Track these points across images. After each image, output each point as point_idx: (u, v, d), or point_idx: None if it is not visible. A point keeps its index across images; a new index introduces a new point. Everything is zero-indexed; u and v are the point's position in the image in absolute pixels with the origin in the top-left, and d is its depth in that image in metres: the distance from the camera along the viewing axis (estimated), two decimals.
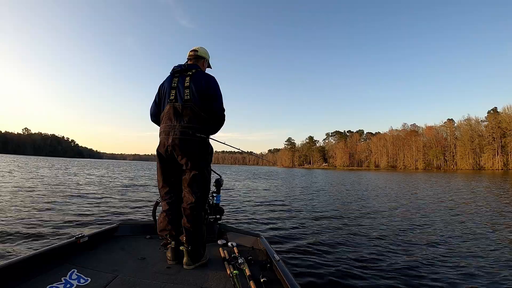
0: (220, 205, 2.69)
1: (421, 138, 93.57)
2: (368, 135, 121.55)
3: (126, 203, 7.39)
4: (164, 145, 1.96)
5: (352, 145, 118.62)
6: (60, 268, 1.72)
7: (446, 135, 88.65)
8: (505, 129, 71.02)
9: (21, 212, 5.46)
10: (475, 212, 7.18)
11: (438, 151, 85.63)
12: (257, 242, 2.36)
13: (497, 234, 4.89)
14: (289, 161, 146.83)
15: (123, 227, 2.55)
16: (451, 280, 2.92)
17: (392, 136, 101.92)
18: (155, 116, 2.19)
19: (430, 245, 4.18)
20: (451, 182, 20.84)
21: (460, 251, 3.88)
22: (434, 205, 8.48)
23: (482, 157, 76.21)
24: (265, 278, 1.65)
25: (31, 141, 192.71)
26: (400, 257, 3.60)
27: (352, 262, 3.37)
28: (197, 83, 2.00)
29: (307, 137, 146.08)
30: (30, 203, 6.63)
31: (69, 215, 5.45)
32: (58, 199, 7.54)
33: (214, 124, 2.10)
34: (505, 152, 71.77)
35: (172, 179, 2.07)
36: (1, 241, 3.65)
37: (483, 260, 3.53)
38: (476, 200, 9.86)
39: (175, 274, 1.78)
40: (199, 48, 2.26)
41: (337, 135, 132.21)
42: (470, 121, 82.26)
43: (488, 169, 69.63)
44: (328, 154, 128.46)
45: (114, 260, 1.92)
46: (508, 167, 68.60)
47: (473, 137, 78.28)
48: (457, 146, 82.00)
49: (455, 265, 3.34)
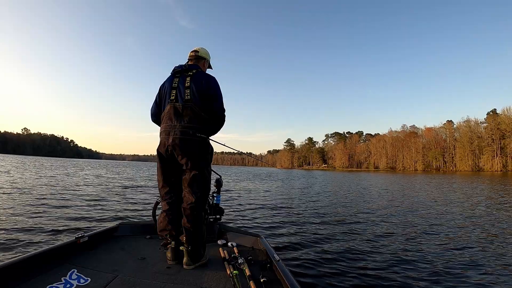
0: (220, 205, 2.68)
1: (421, 140, 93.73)
2: (367, 136, 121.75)
3: (126, 203, 7.37)
4: (165, 145, 1.97)
5: (352, 146, 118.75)
6: (60, 268, 1.72)
7: (446, 136, 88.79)
8: (504, 131, 71.13)
9: (21, 212, 5.45)
10: (480, 215, 7.05)
11: (437, 153, 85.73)
12: (257, 242, 2.36)
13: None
14: (289, 162, 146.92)
15: (123, 227, 2.55)
16: (451, 280, 2.91)
17: (391, 138, 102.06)
18: (155, 116, 2.20)
19: (430, 245, 4.16)
20: (452, 183, 20.71)
21: (461, 254, 3.80)
22: (433, 206, 8.44)
23: (481, 158, 76.20)
24: (265, 278, 1.65)
25: (30, 141, 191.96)
26: (400, 257, 3.59)
27: (352, 262, 3.37)
28: (198, 83, 2.00)
29: (307, 138, 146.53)
30: (30, 203, 6.60)
31: (69, 215, 5.43)
32: (58, 199, 7.50)
33: (215, 124, 2.11)
34: (504, 153, 71.84)
35: (172, 179, 2.07)
36: (1, 241, 3.65)
37: (485, 265, 3.46)
38: (481, 201, 9.78)
39: (175, 274, 1.78)
40: (200, 48, 2.26)
41: (337, 136, 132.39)
42: (470, 122, 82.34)
43: (487, 171, 69.68)
44: (328, 155, 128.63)
45: (114, 260, 1.93)
46: (507, 169, 68.67)
47: (473, 138, 78.33)
48: (457, 148, 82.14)
49: (456, 267, 3.31)
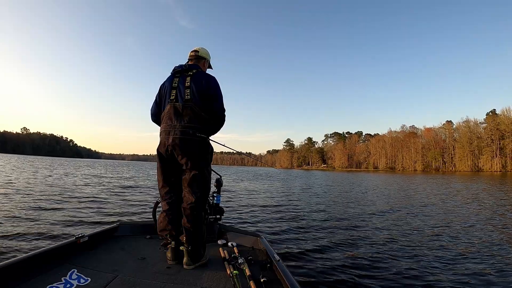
0: (220, 205, 2.69)
1: (420, 140, 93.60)
2: (367, 137, 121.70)
3: (126, 203, 7.38)
4: (165, 144, 1.97)
5: (351, 146, 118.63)
6: (60, 268, 1.72)
7: (445, 136, 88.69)
8: (504, 131, 71.13)
9: (20, 212, 5.45)
10: (478, 215, 7.14)
11: (436, 153, 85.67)
12: (257, 242, 2.36)
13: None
14: (288, 162, 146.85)
15: (123, 227, 2.56)
16: (450, 281, 2.92)
17: (390, 138, 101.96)
18: (155, 116, 2.20)
19: (430, 246, 4.17)
20: (451, 183, 20.77)
21: (460, 254, 3.82)
22: (431, 206, 8.54)
23: (480, 159, 76.21)
24: (265, 278, 1.65)
25: (29, 141, 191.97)
26: (400, 257, 3.61)
27: (352, 263, 3.38)
28: (198, 83, 2.01)
29: (306, 138, 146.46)
30: (30, 203, 6.59)
31: (69, 215, 5.42)
32: (57, 199, 7.50)
33: (215, 124, 2.12)
34: (504, 154, 71.84)
35: (172, 179, 2.08)
36: (1, 241, 3.65)
37: (486, 263, 3.50)
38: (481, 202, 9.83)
39: (175, 274, 1.78)
40: (200, 48, 2.27)
41: (336, 136, 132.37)
42: (469, 123, 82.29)
43: (487, 171, 69.68)
44: (327, 155, 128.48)
45: (114, 260, 1.93)
46: (507, 169, 68.68)
47: (472, 139, 78.26)
48: (456, 148, 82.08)
49: (455, 267, 3.33)
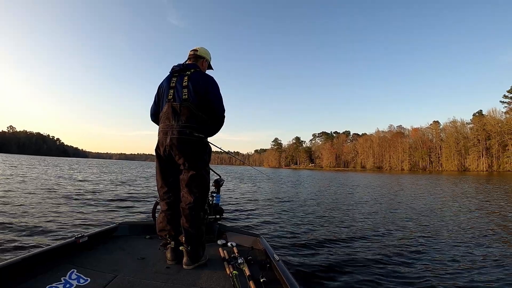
0: (219, 205, 2.71)
1: (407, 140, 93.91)
2: (354, 136, 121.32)
3: (125, 203, 7.29)
4: (162, 144, 1.97)
5: (339, 146, 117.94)
6: (60, 268, 1.71)
7: (432, 136, 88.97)
8: (490, 132, 71.35)
9: (19, 212, 5.29)
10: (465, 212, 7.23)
11: (423, 153, 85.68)
12: (256, 242, 2.36)
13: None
14: (276, 161, 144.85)
15: (123, 227, 2.56)
16: (449, 280, 2.90)
17: (378, 138, 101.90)
18: (155, 116, 2.21)
19: (430, 246, 4.11)
20: (440, 183, 20.11)
21: (452, 251, 3.84)
22: (429, 206, 8.47)
23: (467, 158, 76.41)
24: (264, 278, 1.65)
25: (15, 139, 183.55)
26: (400, 257, 3.58)
27: (352, 263, 3.36)
28: (195, 83, 1.99)
29: (294, 138, 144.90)
30: (28, 203, 6.39)
31: (68, 215, 5.33)
32: (57, 199, 7.36)
33: (213, 124, 2.10)
34: (490, 154, 72.09)
35: (171, 179, 2.07)
36: (0, 241, 3.59)
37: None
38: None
39: (174, 274, 1.79)
40: (200, 48, 2.25)
41: (324, 135, 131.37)
42: (456, 123, 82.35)
43: (473, 171, 69.66)
44: (315, 155, 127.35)
45: (114, 260, 1.93)
46: (493, 169, 68.94)
47: (459, 139, 78.33)
48: (443, 148, 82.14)
49: (453, 265, 3.33)
